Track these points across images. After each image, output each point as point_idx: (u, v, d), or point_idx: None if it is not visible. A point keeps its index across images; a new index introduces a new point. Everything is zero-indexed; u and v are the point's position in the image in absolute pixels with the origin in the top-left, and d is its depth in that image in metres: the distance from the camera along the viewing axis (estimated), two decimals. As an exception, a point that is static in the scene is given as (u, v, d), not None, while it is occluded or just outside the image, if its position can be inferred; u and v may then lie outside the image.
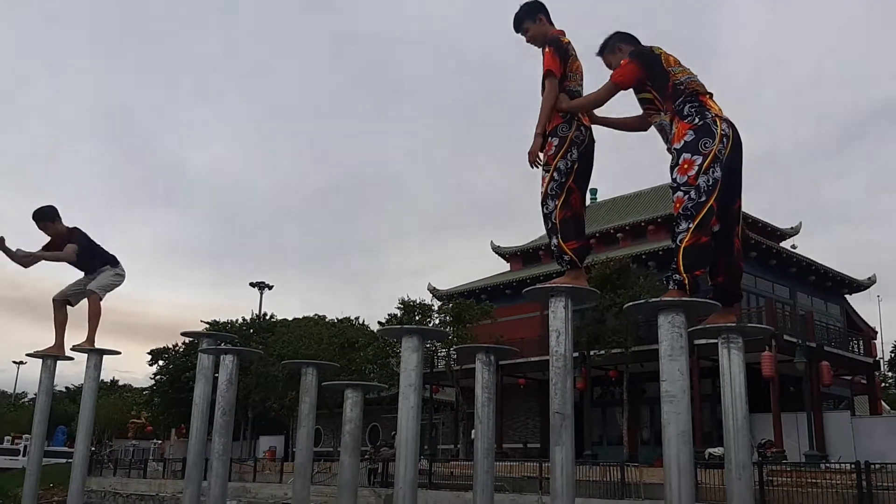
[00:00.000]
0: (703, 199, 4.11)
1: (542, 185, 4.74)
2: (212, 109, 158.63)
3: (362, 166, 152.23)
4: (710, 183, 4.14)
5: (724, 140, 4.23)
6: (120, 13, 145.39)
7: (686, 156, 4.19)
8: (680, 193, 4.18)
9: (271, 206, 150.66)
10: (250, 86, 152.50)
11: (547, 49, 4.80)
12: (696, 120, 4.26)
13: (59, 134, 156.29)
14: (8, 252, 7.05)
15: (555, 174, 4.68)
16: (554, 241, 4.70)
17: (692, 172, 4.15)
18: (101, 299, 7.16)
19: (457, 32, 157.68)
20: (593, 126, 4.92)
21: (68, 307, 7.31)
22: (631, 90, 4.62)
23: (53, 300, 7.24)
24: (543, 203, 4.72)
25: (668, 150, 4.39)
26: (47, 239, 7.28)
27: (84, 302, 7.26)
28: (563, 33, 4.92)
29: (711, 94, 4.42)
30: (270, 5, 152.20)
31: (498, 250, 45.47)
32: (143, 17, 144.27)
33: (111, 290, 7.36)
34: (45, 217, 7.22)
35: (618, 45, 4.74)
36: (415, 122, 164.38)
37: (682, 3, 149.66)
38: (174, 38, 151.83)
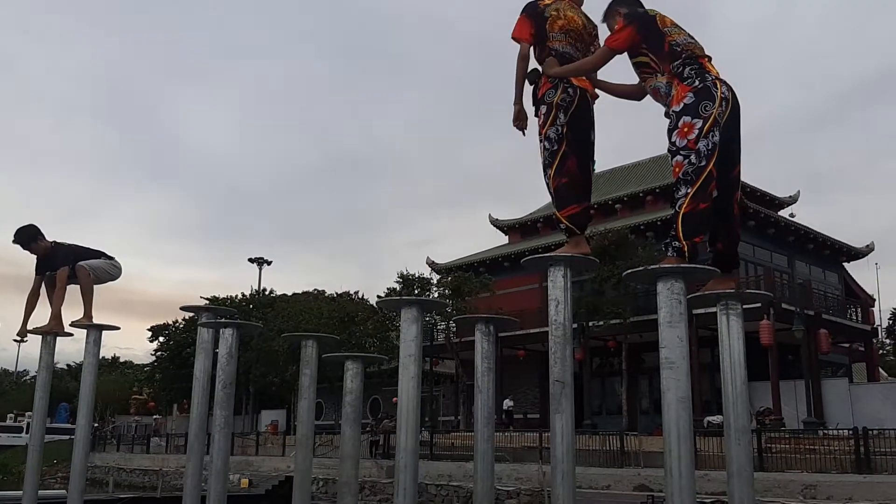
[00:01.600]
0: (704, 163, 4.05)
1: (540, 155, 4.70)
2: (209, 85, 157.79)
3: (361, 141, 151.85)
4: (710, 147, 4.08)
5: (724, 103, 4.17)
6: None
7: (686, 119, 4.13)
8: (679, 157, 4.11)
9: (270, 182, 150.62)
10: (248, 61, 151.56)
11: (519, 16, 4.75)
12: (696, 82, 4.20)
13: (54, 111, 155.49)
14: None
15: (545, 143, 4.61)
16: (553, 209, 4.68)
17: (692, 136, 4.09)
18: (90, 275, 7.13)
19: (455, 6, 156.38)
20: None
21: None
22: (626, 54, 4.56)
23: (46, 278, 7.22)
24: (544, 173, 4.67)
25: (666, 113, 4.33)
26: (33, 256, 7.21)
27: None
28: None
29: (710, 58, 4.37)
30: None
31: (496, 223, 45.45)
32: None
33: (104, 276, 7.30)
34: (30, 238, 7.15)
35: (617, 9, 4.65)
36: (414, 96, 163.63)
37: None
38: (169, 12, 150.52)
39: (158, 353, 51.44)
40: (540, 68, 4.72)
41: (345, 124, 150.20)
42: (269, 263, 49.94)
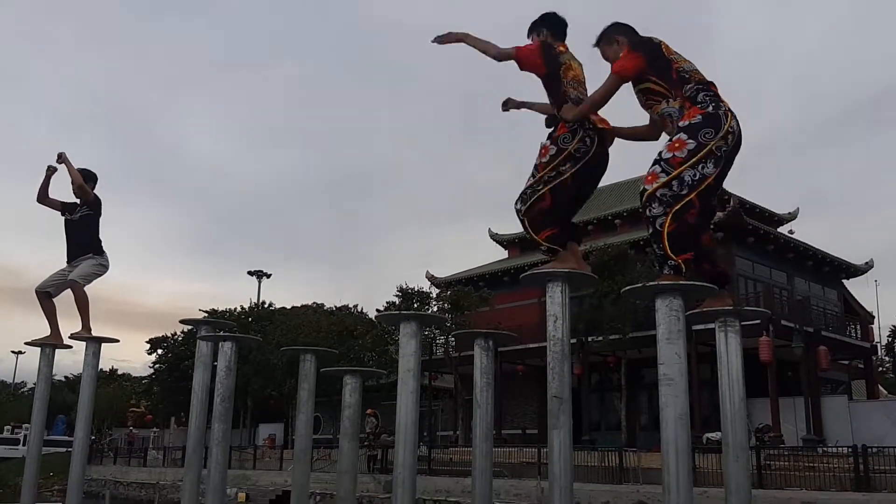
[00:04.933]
0: (685, 192, 4.02)
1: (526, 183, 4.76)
2: (208, 97, 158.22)
3: (360, 155, 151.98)
4: (697, 178, 4.02)
5: (730, 137, 4.13)
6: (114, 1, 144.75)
7: (682, 136, 4.09)
8: (657, 168, 4.08)
9: (269, 195, 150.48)
10: (248, 74, 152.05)
11: (532, 46, 4.84)
12: (710, 108, 4.17)
13: (53, 123, 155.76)
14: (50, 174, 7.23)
15: (533, 180, 4.69)
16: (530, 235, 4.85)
17: (680, 154, 4.05)
18: (83, 287, 7.13)
19: (456, 20, 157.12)
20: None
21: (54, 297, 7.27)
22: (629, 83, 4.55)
23: (36, 291, 7.21)
24: (521, 201, 4.79)
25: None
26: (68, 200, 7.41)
27: (69, 293, 7.19)
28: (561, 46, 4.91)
29: (715, 85, 4.37)
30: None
31: (496, 238, 45.45)
32: (137, 5, 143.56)
33: (93, 279, 7.33)
34: (87, 178, 7.33)
35: (615, 37, 4.59)
36: (413, 110, 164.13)
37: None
38: (169, 25, 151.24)
39: (156, 365, 51.30)
40: (557, 114, 4.74)
41: (345, 137, 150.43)
42: (268, 276, 49.93)
